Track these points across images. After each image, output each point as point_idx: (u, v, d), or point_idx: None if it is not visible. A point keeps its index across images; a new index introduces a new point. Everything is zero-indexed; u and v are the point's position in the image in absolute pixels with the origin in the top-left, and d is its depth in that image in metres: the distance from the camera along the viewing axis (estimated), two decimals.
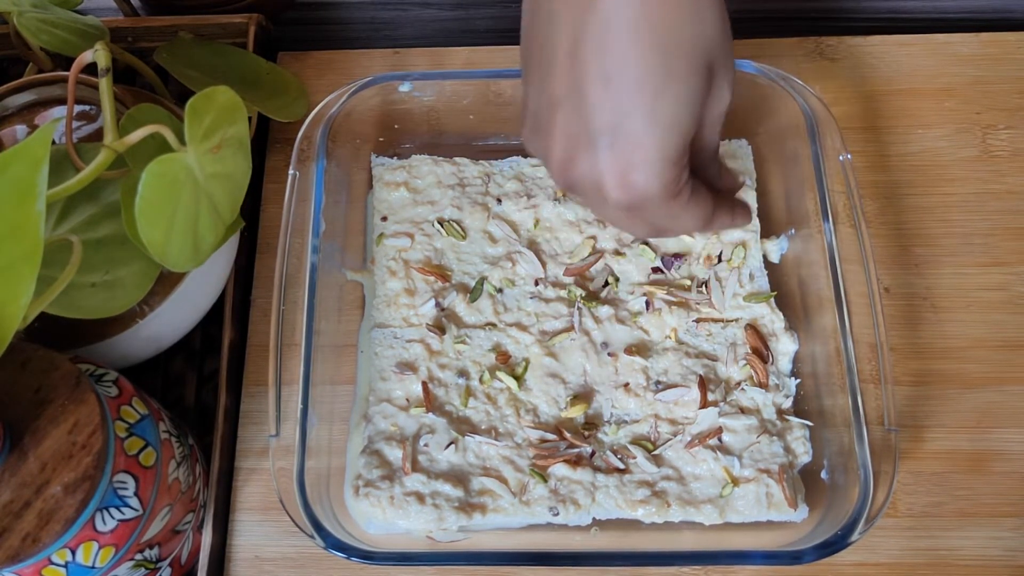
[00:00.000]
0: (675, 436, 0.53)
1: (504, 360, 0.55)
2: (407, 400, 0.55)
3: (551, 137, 0.40)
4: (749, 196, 0.59)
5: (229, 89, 0.45)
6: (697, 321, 0.56)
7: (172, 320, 0.54)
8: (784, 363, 0.55)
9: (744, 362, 0.55)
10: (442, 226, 0.59)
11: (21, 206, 0.37)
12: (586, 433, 0.53)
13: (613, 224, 0.46)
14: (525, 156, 0.61)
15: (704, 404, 0.53)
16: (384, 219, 0.60)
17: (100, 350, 0.51)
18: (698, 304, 0.56)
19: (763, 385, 0.54)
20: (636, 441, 0.53)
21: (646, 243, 0.58)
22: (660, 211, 0.40)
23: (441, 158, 0.61)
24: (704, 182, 0.42)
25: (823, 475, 0.52)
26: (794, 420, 0.53)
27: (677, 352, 0.55)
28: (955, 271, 0.59)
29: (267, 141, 0.64)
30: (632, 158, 0.38)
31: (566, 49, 0.38)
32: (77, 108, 0.54)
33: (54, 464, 0.40)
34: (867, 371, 0.53)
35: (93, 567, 0.42)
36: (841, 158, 0.54)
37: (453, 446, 0.53)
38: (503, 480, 0.52)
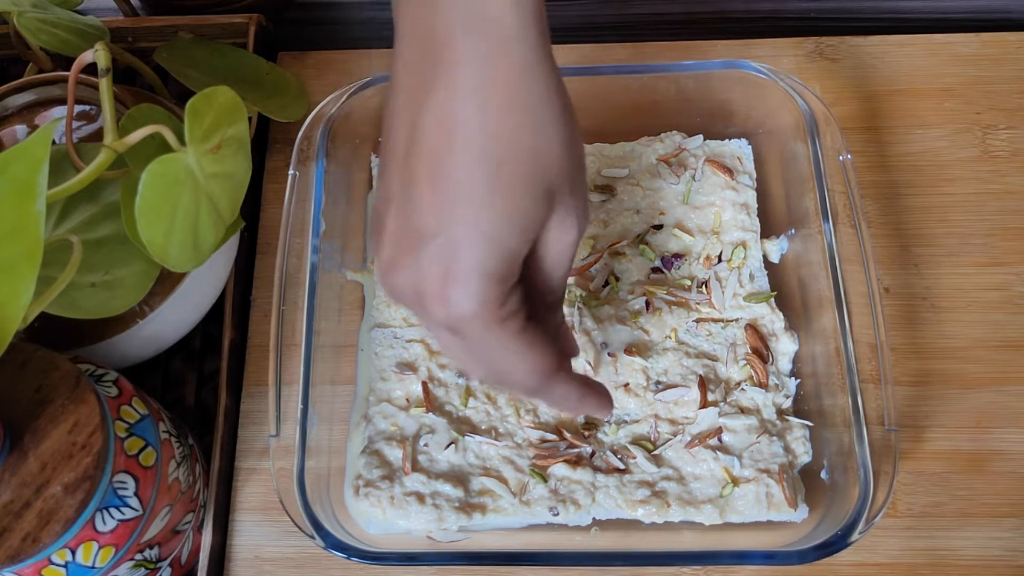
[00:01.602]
0: (675, 436, 0.53)
1: None
2: (407, 400, 0.55)
3: (381, 236, 0.37)
4: (749, 196, 0.59)
5: (229, 89, 0.45)
6: (697, 321, 0.56)
7: (172, 320, 0.54)
8: (784, 363, 0.55)
9: (744, 362, 0.55)
10: None
11: (21, 206, 0.37)
12: (586, 433, 0.53)
13: (450, 356, 0.41)
14: None
15: (704, 404, 0.53)
16: None
17: (100, 350, 0.51)
18: (698, 304, 0.56)
19: (763, 385, 0.54)
20: (636, 441, 0.53)
21: (646, 243, 0.58)
22: (484, 337, 0.36)
23: None
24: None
25: (823, 475, 0.52)
26: (794, 420, 0.53)
27: (677, 352, 0.55)
28: (955, 271, 0.59)
29: (267, 141, 0.64)
30: (451, 269, 0.34)
31: (403, 146, 0.36)
32: (77, 108, 0.54)
33: (54, 464, 0.40)
34: (867, 371, 0.53)
35: (93, 567, 0.42)
36: (841, 158, 0.54)
37: (453, 446, 0.53)
38: (503, 480, 0.52)
